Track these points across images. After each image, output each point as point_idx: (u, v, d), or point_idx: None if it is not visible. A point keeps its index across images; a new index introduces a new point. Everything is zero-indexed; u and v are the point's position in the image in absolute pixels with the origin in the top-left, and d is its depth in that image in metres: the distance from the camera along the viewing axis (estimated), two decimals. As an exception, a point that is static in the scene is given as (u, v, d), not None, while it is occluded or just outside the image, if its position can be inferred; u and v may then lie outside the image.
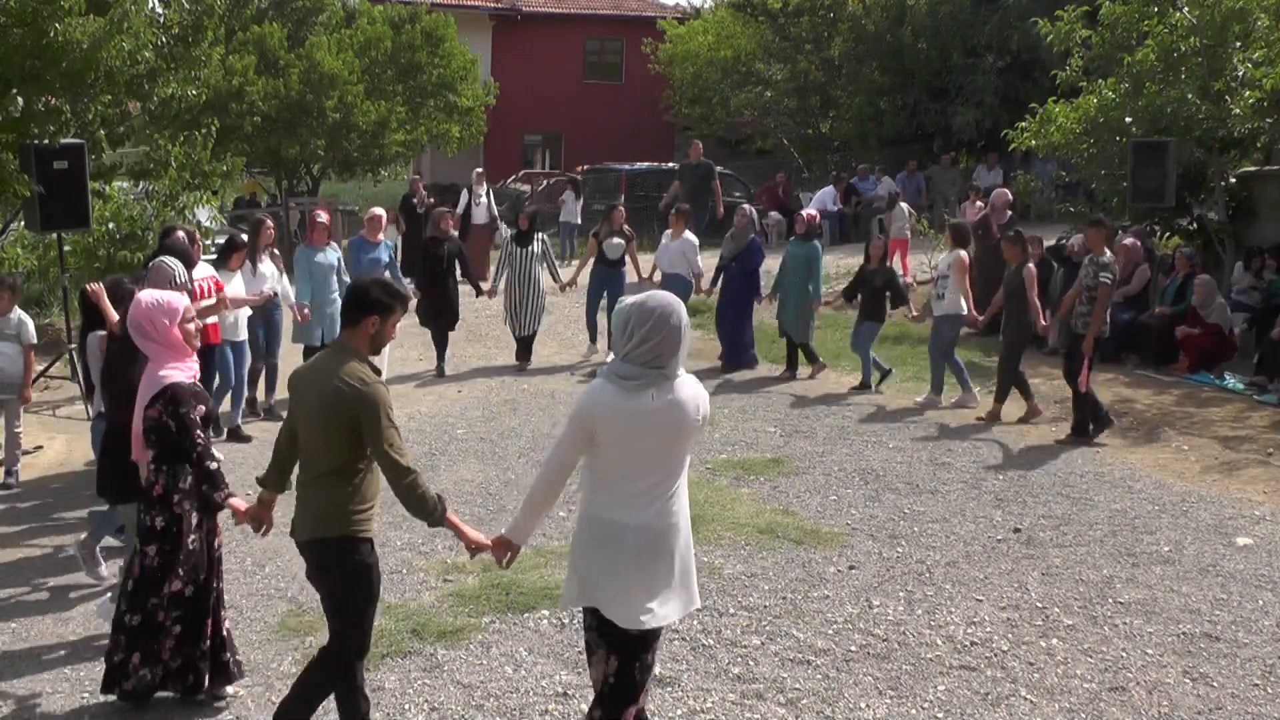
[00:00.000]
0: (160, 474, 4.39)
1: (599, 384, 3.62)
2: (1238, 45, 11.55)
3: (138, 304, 4.41)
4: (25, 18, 8.74)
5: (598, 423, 3.57)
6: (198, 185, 11.54)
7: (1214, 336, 10.60)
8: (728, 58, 24.96)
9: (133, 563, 4.48)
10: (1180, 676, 4.92)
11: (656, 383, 3.54)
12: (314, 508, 3.89)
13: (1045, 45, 13.87)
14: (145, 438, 4.40)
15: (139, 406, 4.40)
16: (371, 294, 3.89)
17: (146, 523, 4.42)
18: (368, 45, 21.01)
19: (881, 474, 7.83)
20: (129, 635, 4.43)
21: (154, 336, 4.38)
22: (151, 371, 4.39)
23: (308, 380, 3.92)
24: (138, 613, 4.43)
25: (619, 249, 11.25)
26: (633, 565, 3.59)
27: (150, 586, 4.41)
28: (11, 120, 9.07)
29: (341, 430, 3.79)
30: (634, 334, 3.53)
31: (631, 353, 3.54)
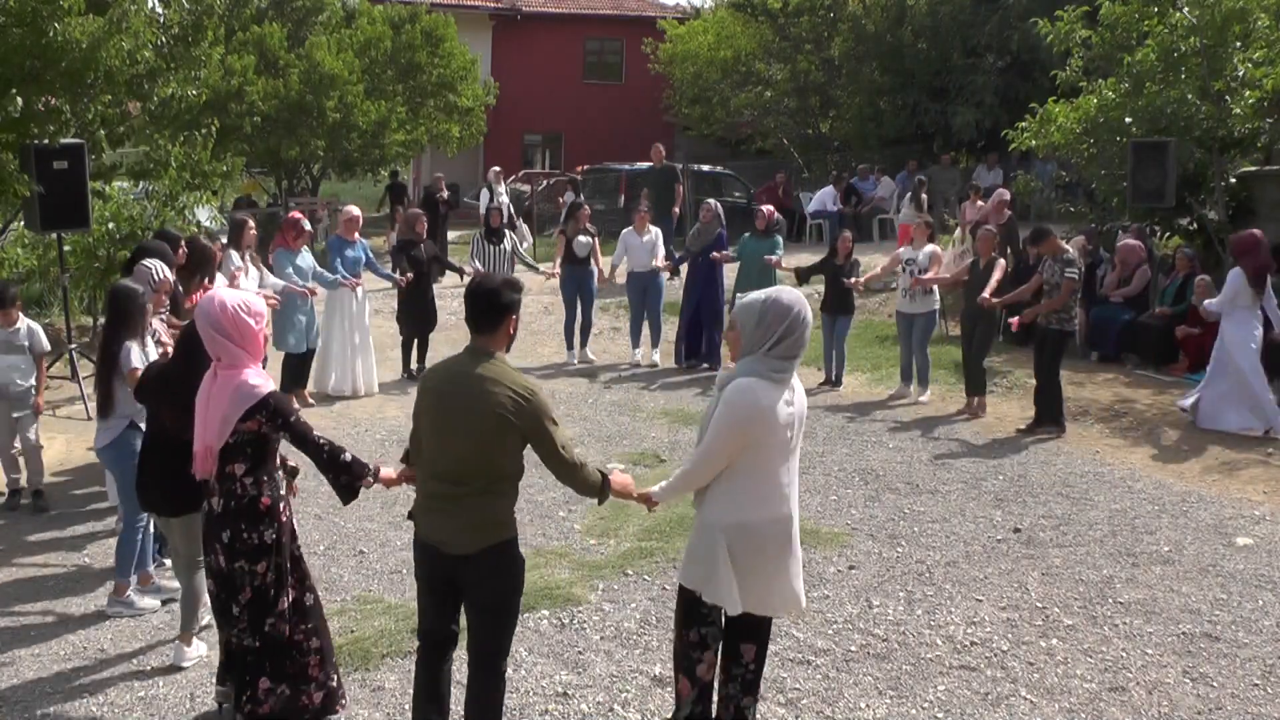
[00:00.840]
0: (262, 485, 4.10)
1: (753, 383, 3.68)
2: (1238, 45, 11.55)
3: (220, 304, 4.08)
4: (25, 18, 8.73)
5: (758, 421, 3.68)
6: (198, 185, 11.53)
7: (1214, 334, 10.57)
8: (728, 58, 24.95)
9: (238, 584, 4.10)
10: (1180, 676, 4.92)
11: (793, 376, 3.75)
12: (482, 517, 3.74)
13: (1045, 45, 13.87)
14: (238, 451, 4.04)
15: (215, 418, 4.03)
16: (504, 295, 3.76)
17: (253, 540, 4.07)
18: (368, 45, 21.01)
19: (881, 474, 7.83)
20: (254, 658, 4.14)
21: (236, 339, 4.07)
22: (233, 380, 4.04)
23: (460, 391, 3.70)
24: (255, 635, 4.13)
25: (586, 246, 11.34)
26: (776, 557, 3.78)
27: (266, 605, 4.12)
28: (11, 120, 9.05)
29: (514, 440, 3.70)
30: (773, 329, 3.67)
31: (774, 348, 3.67)
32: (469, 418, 3.66)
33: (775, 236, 11.13)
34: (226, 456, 4.05)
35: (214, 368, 4.12)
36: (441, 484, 3.76)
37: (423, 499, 3.86)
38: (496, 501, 3.77)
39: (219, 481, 4.08)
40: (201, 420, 4.09)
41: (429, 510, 3.82)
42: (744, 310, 3.76)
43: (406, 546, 6.38)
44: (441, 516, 3.76)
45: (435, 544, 3.79)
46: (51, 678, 4.90)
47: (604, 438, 8.71)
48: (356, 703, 4.66)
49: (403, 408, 9.60)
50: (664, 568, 6.05)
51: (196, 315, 4.18)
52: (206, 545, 4.19)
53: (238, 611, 4.12)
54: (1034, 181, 15.24)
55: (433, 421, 3.77)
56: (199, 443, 4.11)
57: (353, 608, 5.61)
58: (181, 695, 4.73)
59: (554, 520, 6.79)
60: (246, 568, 4.08)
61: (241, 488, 4.06)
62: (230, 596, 4.13)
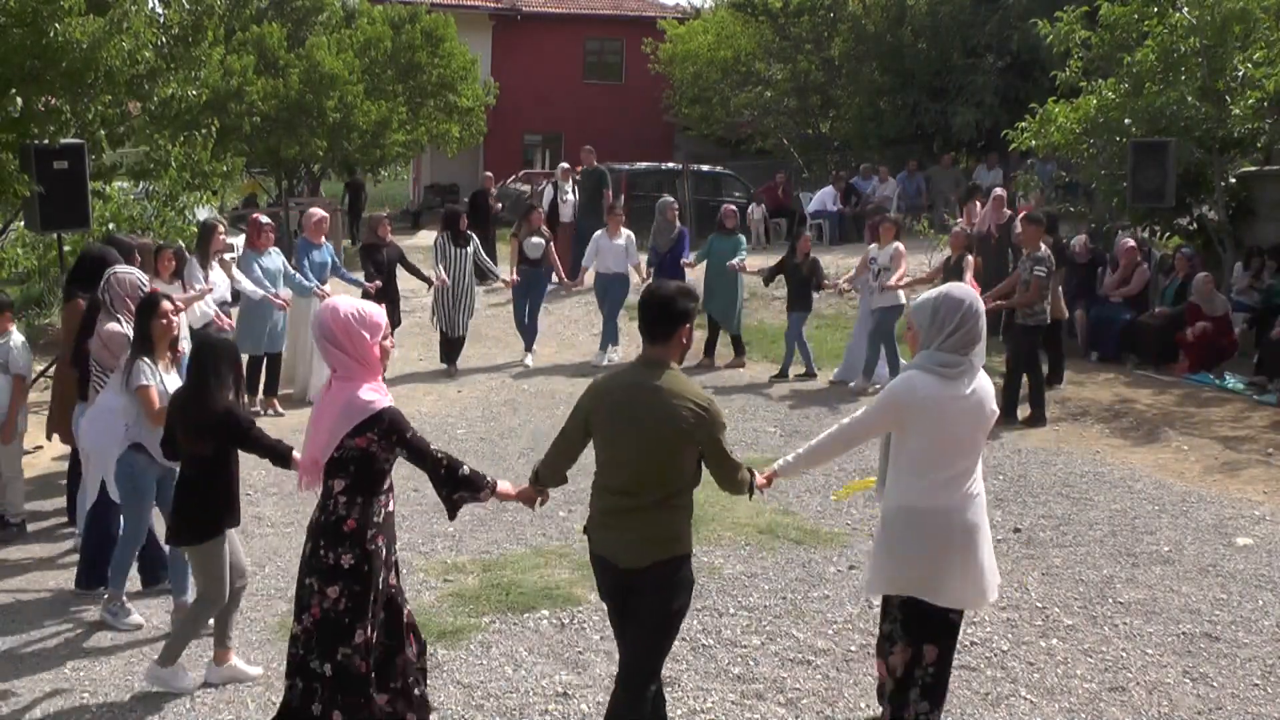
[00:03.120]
0: (354, 507, 3.87)
1: (913, 374, 3.81)
2: (1238, 45, 11.55)
3: (334, 312, 3.86)
4: (25, 18, 8.72)
5: (910, 410, 3.77)
6: (198, 185, 11.54)
7: (1220, 331, 10.58)
8: (728, 58, 24.94)
9: (304, 601, 3.91)
10: (1180, 676, 4.92)
11: (969, 370, 3.79)
12: (659, 531, 3.68)
13: (1045, 45, 13.87)
14: (340, 467, 3.85)
15: (323, 430, 3.86)
16: (679, 303, 3.69)
17: (329, 560, 3.86)
18: (368, 45, 21.03)
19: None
20: (325, 686, 3.92)
21: (348, 349, 3.84)
22: (345, 393, 3.84)
23: (638, 403, 3.64)
24: (328, 660, 3.91)
25: (538, 248, 11.33)
26: (954, 548, 3.82)
27: (339, 632, 3.89)
28: (11, 120, 9.05)
29: (691, 451, 3.66)
30: (945, 324, 3.76)
31: (945, 342, 3.77)
32: (647, 430, 3.61)
33: (739, 236, 11.40)
34: (329, 471, 3.88)
35: (330, 378, 3.96)
36: (616, 496, 3.71)
37: (597, 513, 3.80)
38: (673, 515, 3.71)
39: (321, 495, 3.95)
40: (312, 431, 3.94)
41: (603, 525, 3.77)
42: (918, 309, 3.89)
43: (406, 546, 6.38)
44: (615, 530, 3.71)
45: (607, 557, 3.75)
46: (50, 677, 4.90)
47: (604, 438, 8.71)
48: (356, 703, 4.65)
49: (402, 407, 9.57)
50: (664, 568, 6.05)
51: (312, 324, 4.00)
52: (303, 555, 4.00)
53: (298, 631, 3.95)
54: (1034, 181, 15.26)
55: (608, 434, 3.72)
56: (305, 454, 3.98)
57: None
58: (181, 695, 4.73)
59: (554, 520, 6.79)
60: (316, 586, 3.88)
61: (334, 504, 3.88)
62: (296, 611, 3.99)
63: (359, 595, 3.87)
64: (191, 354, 4.70)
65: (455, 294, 10.81)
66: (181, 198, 11.24)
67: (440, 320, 10.96)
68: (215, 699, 4.70)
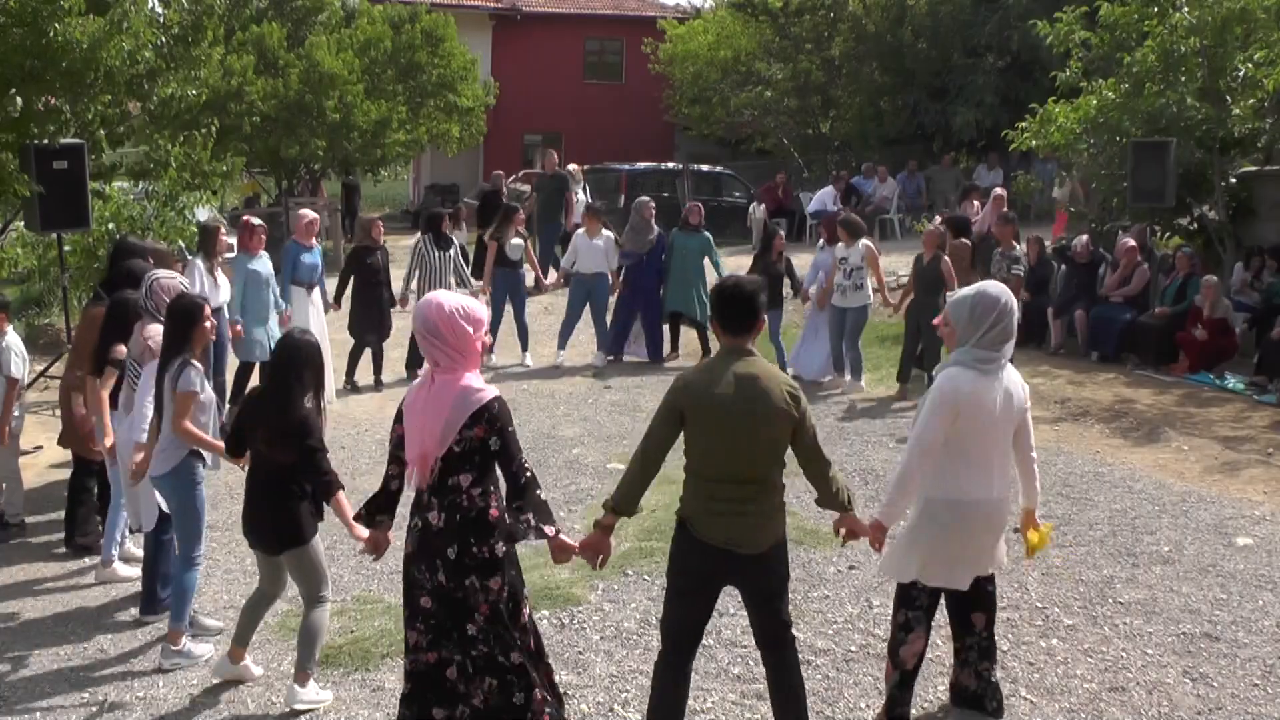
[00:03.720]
0: (490, 496, 3.89)
1: (956, 370, 4.02)
2: (1238, 45, 11.55)
3: (439, 307, 3.87)
4: (25, 18, 8.72)
5: (960, 406, 3.97)
6: (198, 185, 11.53)
7: (1220, 333, 10.58)
8: (728, 58, 24.94)
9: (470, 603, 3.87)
10: (1180, 676, 4.92)
11: (1002, 366, 4.03)
12: (769, 514, 3.85)
13: (1045, 45, 13.88)
14: (464, 460, 3.84)
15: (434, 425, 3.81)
16: (759, 298, 3.88)
17: (484, 554, 3.84)
18: (368, 45, 21.02)
19: (881, 474, 7.82)
20: (519, 672, 3.93)
21: (453, 344, 3.86)
22: (453, 385, 3.83)
23: (739, 392, 3.74)
24: (512, 649, 3.93)
25: (519, 249, 11.29)
26: (983, 535, 4.13)
27: (513, 616, 3.94)
28: (11, 120, 9.05)
29: (787, 434, 3.81)
30: (982, 321, 3.98)
31: (983, 338, 3.98)
32: (754, 417, 3.73)
33: (704, 233, 11.46)
34: (451, 467, 3.83)
35: (429, 374, 3.92)
36: (726, 485, 3.80)
37: (704, 502, 3.85)
38: (777, 496, 3.89)
39: (437, 494, 3.87)
40: (418, 428, 3.87)
41: (715, 514, 3.82)
42: (956, 306, 4.08)
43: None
44: (732, 518, 3.80)
45: (724, 546, 3.81)
46: (51, 678, 4.90)
47: (604, 438, 8.71)
48: (357, 703, 4.66)
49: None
50: (664, 568, 6.03)
51: (413, 318, 3.95)
52: (428, 562, 3.88)
53: (475, 632, 3.88)
54: (1034, 181, 15.26)
55: (715, 425, 3.77)
56: (415, 451, 3.89)
57: (353, 608, 5.61)
58: (181, 695, 4.73)
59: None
60: (478, 584, 3.84)
61: (468, 499, 3.84)
62: (459, 618, 3.89)
63: (516, 578, 3.95)
64: (274, 356, 4.63)
65: None
66: (181, 198, 11.23)
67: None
68: (215, 699, 4.70)
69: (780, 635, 3.97)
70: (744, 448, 3.76)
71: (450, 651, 3.92)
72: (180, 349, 4.97)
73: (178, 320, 5.00)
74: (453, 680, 3.92)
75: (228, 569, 6.18)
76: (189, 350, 5.00)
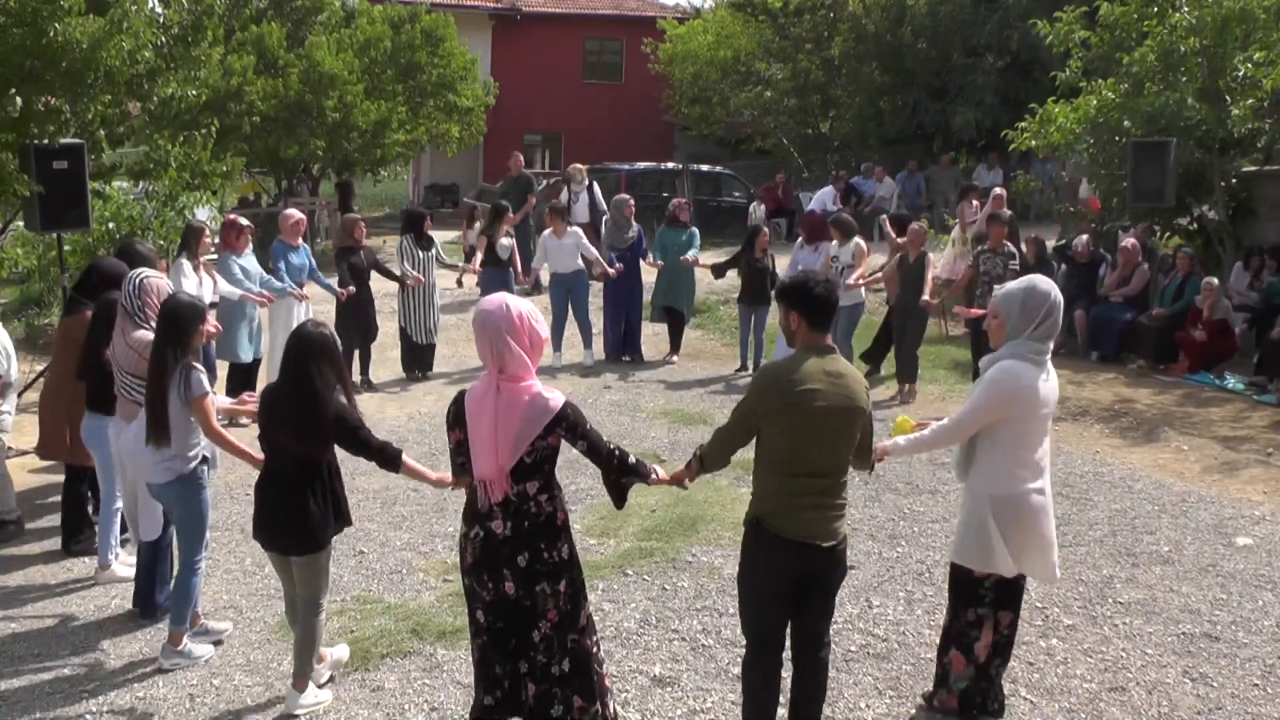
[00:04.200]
0: (555, 501, 3.85)
1: (1012, 363, 4.11)
2: (1238, 45, 11.55)
3: (510, 308, 3.78)
4: (25, 18, 8.71)
5: (1015, 398, 4.09)
6: (198, 185, 11.53)
7: (1219, 334, 10.58)
8: (728, 58, 24.94)
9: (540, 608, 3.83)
10: (1180, 676, 4.92)
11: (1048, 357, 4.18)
12: (843, 507, 3.94)
13: (1045, 45, 13.88)
14: (533, 469, 3.77)
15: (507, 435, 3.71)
16: (836, 294, 3.97)
17: (554, 558, 3.82)
18: (367, 45, 21.00)
19: (881, 474, 7.82)
20: (563, 683, 3.88)
21: (527, 347, 3.77)
22: (523, 393, 3.75)
23: (825, 387, 3.78)
24: (565, 655, 3.88)
25: (507, 249, 11.31)
26: (1045, 526, 4.27)
27: (572, 620, 3.90)
28: (11, 120, 9.04)
29: (860, 430, 3.93)
30: (1034, 314, 4.09)
31: (1035, 331, 4.10)
32: (840, 412, 3.82)
33: (691, 229, 11.63)
34: (518, 476, 3.76)
35: (490, 381, 3.79)
36: (808, 480, 3.85)
37: (786, 498, 3.86)
38: (846, 491, 3.98)
39: (501, 503, 3.78)
40: (487, 440, 3.73)
41: (799, 508, 3.85)
42: (1006, 300, 4.16)
43: (407, 546, 6.39)
44: (815, 511, 3.87)
45: (807, 540, 3.86)
46: (51, 678, 4.90)
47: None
48: (356, 703, 4.66)
49: (402, 407, 9.60)
50: (664, 568, 6.04)
51: (478, 320, 3.82)
52: (491, 572, 3.79)
53: (539, 638, 3.84)
54: (1034, 181, 15.26)
55: (800, 420, 3.78)
56: (487, 465, 3.74)
57: (353, 608, 5.61)
58: (181, 696, 4.73)
59: (554, 520, 6.79)
60: (549, 589, 3.81)
61: (536, 506, 3.79)
62: (526, 624, 3.83)
63: (578, 579, 3.93)
64: (288, 350, 4.39)
65: (421, 298, 10.66)
66: (181, 198, 11.23)
67: (411, 328, 10.73)
68: (215, 700, 4.70)
69: (825, 633, 4.07)
70: (831, 442, 3.84)
71: (509, 663, 3.87)
72: (179, 354, 4.78)
73: (173, 323, 4.81)
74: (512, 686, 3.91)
75: (228, 569, 6.18)
76: (186, 354, 4.82)
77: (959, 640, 4.41)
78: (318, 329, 4.47)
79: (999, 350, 4.20)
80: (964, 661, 4.41)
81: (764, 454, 3.90)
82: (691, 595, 5.66)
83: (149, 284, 5.25)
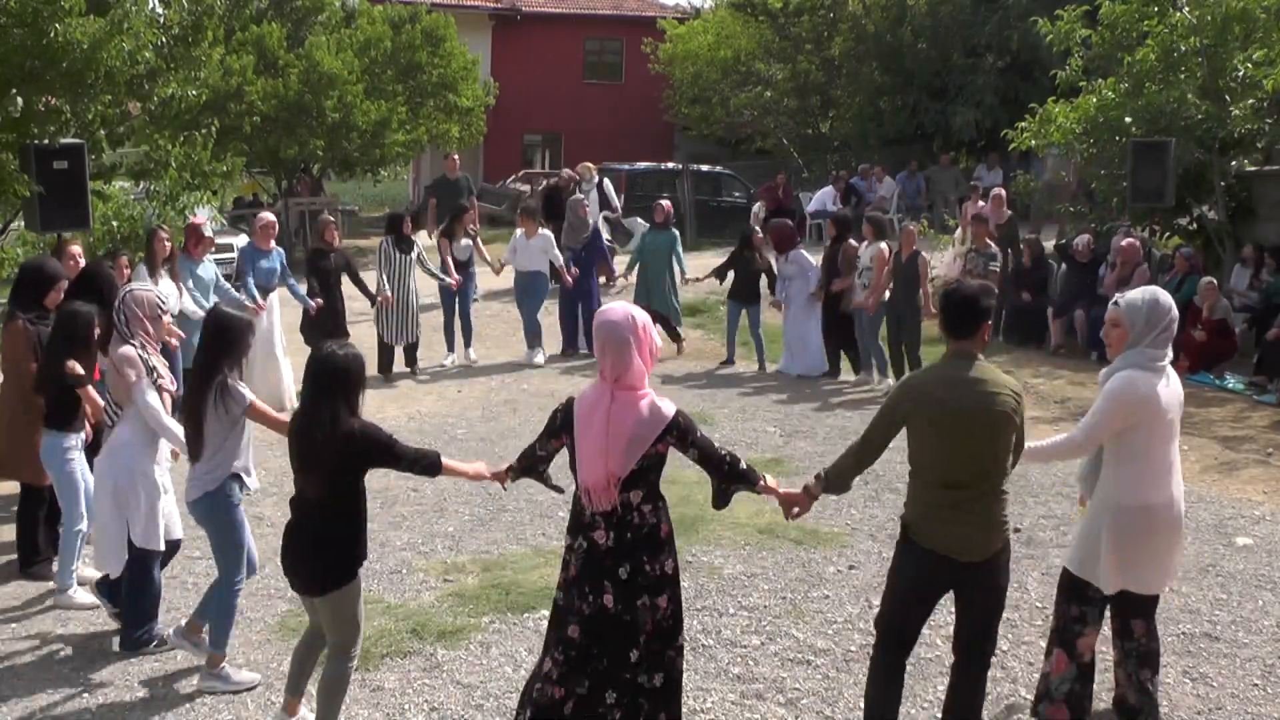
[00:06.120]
0: (660, 512, 3.79)
1: (1133, 373, 4.08)
2: (1237, 45, 11.55)
3: (633, 316, 3.75)
4: (25, 18, 8.72)
5: (1138, 409, 4.07)
6: (198, 185, 11.52)
7: (1219, 335, 10.58)
8: (728, 58, 24.95)
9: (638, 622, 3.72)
10: (1180, 676, 4.92)
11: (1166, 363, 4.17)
12: (994, 520, 3.86)
13: (1045, 45, 13.90)
14: (640, 477, 3.71)
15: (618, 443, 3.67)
16: (983, 301, 3.90)
17: (656, 571, 3.73)
18: (367, 45, 21.02)
19: (881, 474, 7.81)
20: (654, 699, 3.77)
21: (645, 355, 3.74)
22: (637, 401, 3.71)
23: (966, 396, 3.77)
24: (659, 670, 3.78)
25: (467, 249, 11.31)
26: (1169, 535, 4.24)
27: (671, 635, 3.81)
28: (11, 120, 9.05)
29: (1012, 440, 3.86)
30: (1157, 323, 4.10)
31: (1155, 339, 4.11)
32: (982, 421, 3.77)
33: (673, 231, 11.70)
34: (626, 484, 3.69)
35: (604, 389, 3.76)
36: (952, 491, 3.82)
37: (927, 508, 3.88)
38: (1004, 502, 3.89)
39: (604, 514, 3.71)
40: (598, 448, 3.68)
41: (939, 520, 3.85)
42: (1131, 310, 4.14)
43: (406, 546, 6.39)
44: (956, 524, 3.82)
45: (946, 552, 3.83)
46: (51, 678, 4.90)
47: (604, 438, 8.70)
48: (357, 703, 4.66)
49: (402, 408, 9.60)
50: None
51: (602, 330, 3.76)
52: (592, 584, 3.72)
53: (636, 658, 3.72)
54: (1034, 181, 15.27)
55: (942, 430, 3.79)
56: (596, 473, 3.68)
57: (353, 608, 5.60)
58: (180, 696, 4.73)
59: (554, 520, 6.79)
60: (649, 602, 3.72)
61: (639, 516, 3.72)
62: (623, 642, 3.72)
63: (677, 596, 3.84)
64: (307, 373, 4.11)
65: (400, 301, 10.50)
66: (182, 198, 11.22)
67: (387, 331, 10.56)
68: (215, 700, 4.70)
69: (983, 651, 4.00)
70: (971, 452, 3.78)
71: (582, 688, 3.73)
72: (218, 368, 4.52)
73: (223, 333, 4.55)
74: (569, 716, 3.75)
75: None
76: (236, 368, 4.58)
77: (1062, 637, 4.33)
78: (343, 350, 4.08)
79: (1115, 362, 4.20)
80: (1066, 660, 4.31)
81: (910, 461, 3.94)
82: (691, 595, 5.66)
83: (135, 297, 5.03)
